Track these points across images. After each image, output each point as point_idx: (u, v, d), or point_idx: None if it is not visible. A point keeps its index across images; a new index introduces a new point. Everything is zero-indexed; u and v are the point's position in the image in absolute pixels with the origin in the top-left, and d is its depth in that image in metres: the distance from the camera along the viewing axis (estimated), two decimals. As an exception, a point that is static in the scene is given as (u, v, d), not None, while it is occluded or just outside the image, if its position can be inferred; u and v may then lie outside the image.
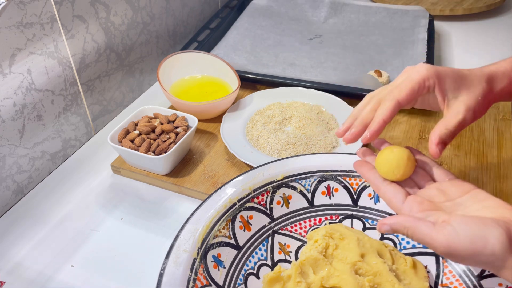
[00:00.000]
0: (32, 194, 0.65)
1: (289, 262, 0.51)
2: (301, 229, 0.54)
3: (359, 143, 0.65)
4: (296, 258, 0.52)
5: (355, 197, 0.54)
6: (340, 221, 0.54)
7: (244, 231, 0.50)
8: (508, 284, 0.43)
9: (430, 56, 0.85)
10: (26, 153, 0.64)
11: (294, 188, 0.54)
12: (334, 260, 0.46)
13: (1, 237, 0.58)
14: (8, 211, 0.62)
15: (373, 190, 0.53)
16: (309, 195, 0.54)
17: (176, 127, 0.67)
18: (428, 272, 0.48)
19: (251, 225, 0.51)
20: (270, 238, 0.52)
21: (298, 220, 0.54)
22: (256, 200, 0.52)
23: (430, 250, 0.49)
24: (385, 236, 0.52)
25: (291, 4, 1.11)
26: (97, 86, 0.75)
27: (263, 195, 0.53)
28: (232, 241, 0.49)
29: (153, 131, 0.67)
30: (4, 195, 0.62)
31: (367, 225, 0.53)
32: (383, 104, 0.45)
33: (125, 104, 0.83)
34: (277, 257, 0.51)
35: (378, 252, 0.48)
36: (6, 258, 0.56)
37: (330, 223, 0.53)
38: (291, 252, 0.52)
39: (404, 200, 0.43)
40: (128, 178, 0.67)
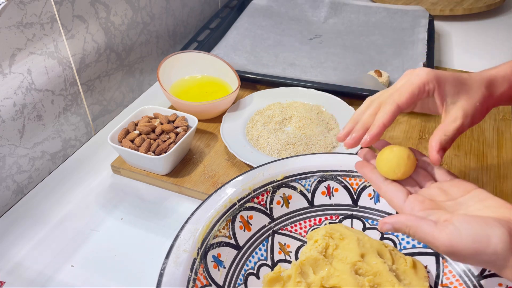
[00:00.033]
0: (32, 194, 0.65)
1: (289, 262, 0.51)
2: (301, 229, 0.54)
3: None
4: (296, 258, 0.52)
5: (355, 197, 0.54)
6: (340, 221, 0.54)
7: (244, 231, 0.50)
8: (508, 284, 0.43)
9: (430, 56, 0.85)
10: (26, 153, 0.64)
11: (294, 188, 0.54)
12: (334, 260, 0.46)
13: (1, 237, 0.58)
14: (8, 211, 0.62)
15: (373, 190, 0.53)
16: (309, 195, 0.54)
17: (176, 127, 0.67)
18: (428, 272, 0.48)
19: (251, 225, 0.51)
20: (270, 238, 0.52)
21: (298, 220, 0.54)
22: (256, 200, 0.52)
23: (430, 250, 0.49)
24: (385, 236, 0.52)
25: (291, 4, 1.11)
26: (97, 86, 0.75)
27: (263, 195, 0.53)
28: (232, 241, 0.49)
29: (153, 131, 0.67)
30: (4, 195, 0.62)
31: (367, 225, 0.53)
32: (383, 108, 0.45)
33: (125, 104, 0.83)
34: (277, 257, 0.51)
35: (378, 252, 0.48)
36: (6, 258, 0.56)
37: (330, 223, 0.53)
38: (291, 252, 0.52)
39: (406, 199, 0.43)
40: (128, 178, 0.67)
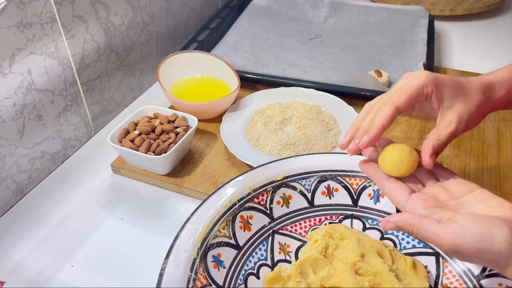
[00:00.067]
0: (32, 194, 0.65)
1: (289, 262, 0.51)
2: (301, 229, 0.54)
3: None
4: (296, 258, 0.52)
5: (355, 197, 0.54)
6: (340, 221, 0.54)
7: (244, 231, 0.50)
8: (509, 284, 0.43)
9: (430, 56, 0.85)
10: (26, 153, 0.64)
11: (294, 188, 0.54)
12: (334, 260, 0.46)
13: (1, 237, 0.58)
14: (8, 211, 0.62)
15: (373, 190, 0.53)
16: (309, 195, 0.54)
17: (176, 127, 0.67)
18: (428, 272, 0.48)
19: (251, 225, 0.51)
20: (270, 238, 0.52)
21: (298, 220, 0.54)
22: (256, 200, 0.52)
23: (430, 250, 0.49)
24: (385, 236, 0.52)
25: (291, 4, 1.11)
26: (97, 86, 0.75)
27: (263, 195, 0.53)
28: (232, 241, 0.49)
29: (153, 131, 0.67)
30: (4, 195, 0.62)
31: (367, 225, 0.53)
32: (382, 110, 0.45)
33: (125, 104, 0.83)
34: (277, 257, 0.51)
35: (378, 252, 0.48)
36: (6, 258, 0.56)
37: (330, 223, 0.53)
38: (291, 252, 0.52)
39: (409, 198, 0.42)
40: (128, 178, 0.67)
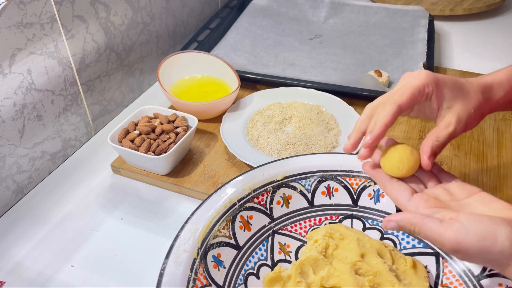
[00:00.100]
0: (32, 194, 0.65)
1: (289, 262, 0.51)
2: (301, 229, 0.54)
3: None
4: (296, 258, 0.52)
5: (355, 197, 0.54)
6: (340, 221, 0.54)
7: (244, 231, 0.50)
8: (509, 284, 0.43)
9: (430, 56, 0.85)
10: (26, 153, 0.64)
11: (294, 188, 0.54)
12: (334, 260, 0.46)
13: (1, 237, 0.58)
14: (8, 211, 0.62)
15: (373, 190, 0.53)
16: (309, 195, 0.54)
17: (176, 127, 0.67)
18: (428, 272, 0.48)
19: (251, 225, 0.51)
20: (270, 238, 0.52)
21: (298, 220, 0.54)
22: (256, 200, 0.52)
23: (430, 250, 0.49)
24: (385, 236, 0.52)
25: (291, 4, 1.11)
26: (97, 86, 0.75)
27: (263, 195, 0.53)
28: (232, 241, 0.49)
29: (153, 131, 0.67)
30: (4, 195, 0.62)
31: (367, 225, 0.53)
32: (384, 109, 0.44)
33: (125, 104, 0.83)
34: (277, 257, 0.51)
35: (378, 252, 0.48)
36: (6, 258, 0.56)
37: (330, 223, 0.53)
38: (291, 252, 0.52)
39: (410, 198, 0.43)
40: (128, 178, 0.67)
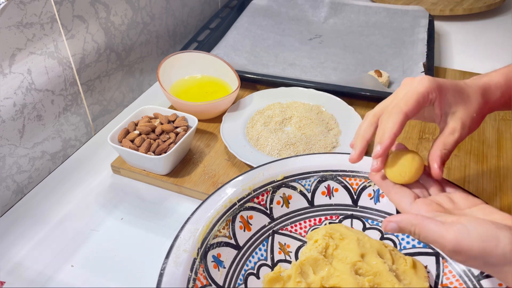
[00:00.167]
0: (32, 194, 0.65)
1: (289, 262, 0.51)
2: (301, 229, 0.54)
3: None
4: (296, 258, 0.52)
5: (355, 197, 0.54)
6: (340, 221, 0.54)
7: (244, 231, 0.50)
8: (509, 285, 0.43)
9: (430, 56, 0.85)
10: (26, 153, 0.64)
11: (294, 188, 0.54)
12: (334, 260, 0.46)
13: (1, 237, 0.58)
14: (8, 211, 0.62)
15: (373, 190, 0.53)
16: (309, 195, 0.54)
17: (176, 127, 0.67)
18: (428, 272, 0.48)
19: (251, 225, 0.51)
20: (270, 238, 0.52)
21: (298, 220, 0.54)
22: (256, 200, 0.52)
23: (430, 250, 0.49)
24: (385, 236, 0.52)
25: (291, 4, 1.11)
26: (97, 86, 0.75)
27: (263, 195, 0.53)
28: (232, 241, 0.49)
29: (153, 131, 0.67)
30: (4, 195, 0.62)
31: (367, 225, 0.53)
32: (391, 118, 0.44)
33: (125, 104, 0.83)
34: (277, 257, 0.51)
35: (378, 252, 0.48)
36: (6, 258, 0.56)
37: (330, 223, 0.53)
38: (291, 252, 0.52)
39: (413, 202, 0.42)
40: (128, 178, 0.67)
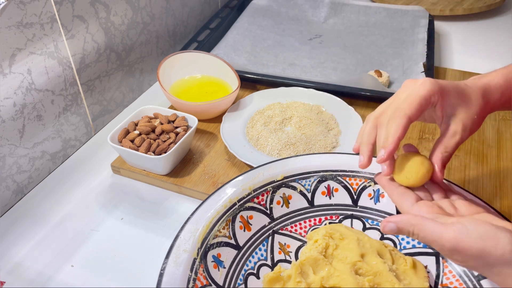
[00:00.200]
0: (32, 194, 0.65)
1: (289, 262, 0.51)
2: (301, 229, 0.54)
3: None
4: (296, 258, 0.52)
5: (355, 197, 0.54)
6: (340, 221, 0.54)
7: (244, 231, 0.50)
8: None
9: (430, 56, 0.85)
10: (26, 153, 0.64)
11: (294, 188, 0.54)
12: (334, 260, 0.46)
13: (1, 237, 0.58)
14: (8, 211, 0.62)
15: (373, 190, 0.53)
16: (309, 195, 0.54)
17: (176, 127, 0.67)
18: (428, 272, 0.48)
19: (251, 225, 0.51)
20: (270, 238, 0.52)
21: (298, 220, 0.54)
22: (256, 200, 0.52)
23: (430, 250, 0.49)
24: (385, 236, 0.52)
25: (291, 4, 1.11)
26: (97, 86, 0.75)
27: (263, 195, 0.53)
28: (232, 241, 0.49)
29: (153, 131, 0.67)
30: (4, 195, 0.62)
31: (367, 225, 0.53)
32: (394, 122, 0.43)
33: (125, 104, 0.83)
34: (277, 257, 0.51)
35: (378, 252, 0.48)
36: (6, 258, 0.56)
37: (330, 223, 0.53)
38: (291, 252, 0.52)
39: (414, 204, 0.42)
40: (128, 178, 0.67)
